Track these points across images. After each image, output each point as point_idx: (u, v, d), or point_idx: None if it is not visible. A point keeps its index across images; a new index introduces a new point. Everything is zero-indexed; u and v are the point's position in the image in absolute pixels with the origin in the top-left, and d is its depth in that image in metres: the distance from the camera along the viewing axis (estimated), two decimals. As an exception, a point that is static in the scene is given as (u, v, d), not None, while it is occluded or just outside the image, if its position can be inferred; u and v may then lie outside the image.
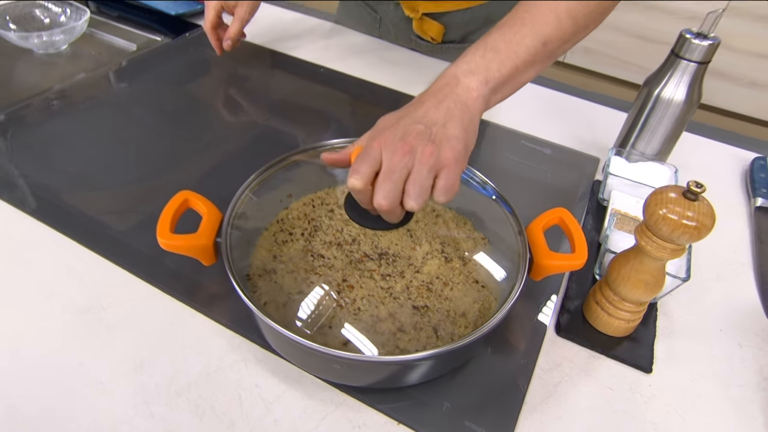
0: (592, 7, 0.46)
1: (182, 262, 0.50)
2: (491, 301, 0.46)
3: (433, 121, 0.39)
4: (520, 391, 0.42)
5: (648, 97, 0.60)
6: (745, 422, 0.42)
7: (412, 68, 0.86)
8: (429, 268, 0.48)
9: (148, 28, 0.90)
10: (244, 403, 0.40)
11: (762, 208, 0.65)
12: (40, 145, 0.62)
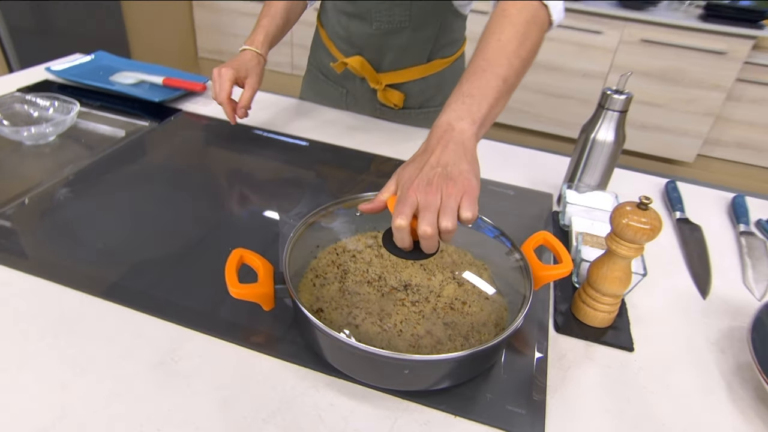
0: (529, 46, 0.62)
1: (236, 312, 0.57)
2: (502, 311, 0.56)
3: (446, 163, 0.51)
4: (542, 377, 0.53)
5: (586, 140, 0.77)
6: (705, 378, 0.55)
7: (378, 132, 0.99)
8: (447, 292, 0.58)
9: (133, 115, 0.97)
10: (325, 420, 0.47)
11: (681, 219, 0.82)
12: (67, 227, 0.67)
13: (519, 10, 0.63)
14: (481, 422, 0.48)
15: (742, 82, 2.44)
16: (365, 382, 0.50)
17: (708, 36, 2.35)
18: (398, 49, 0.94)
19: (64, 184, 0.76)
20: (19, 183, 0.76)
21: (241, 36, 3.06)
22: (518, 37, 0.61)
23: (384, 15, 0.90)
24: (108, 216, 0.70)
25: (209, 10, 3.04)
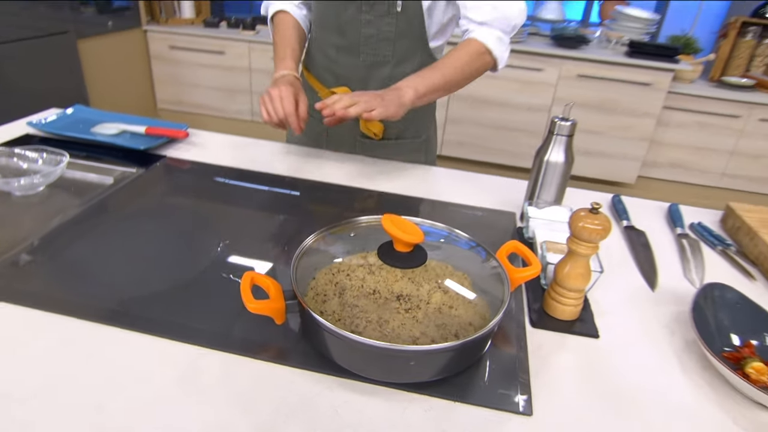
0: (470, 69, 0.98)
1: (248, 330, 0.62)
2: (485, 311, 0.64)
3: (384, 96, 0.88)
4: (525, 364, 0.61)
5: (540, 162, 0.88)
6: (660, 354, 0.65)
7: (357, 165, 1.08)
8: (435, 299, 0.65)
9: (119, 163, 1.02)
10: (341, 415, 0.53)
11: (627, 226, 0.94)
12: (76, 266, 0.71)
13: (476, 46, 0.97)
14: (477, 405, 0.55)
15: (668, 109, 2.71)
16: (374, 379, 0.57)
17: (634, 70, 2.61)
18: (381, 80, 1.05)
19: (66, 227, 0.80)
20: (15, 231, 0.80)
21: (200, 86, 3.14)
22: (466, 60, 0.97)
23: (371, 49, 1.02)
24: (113, 255, 0.75)
25: (168, 63, 3.11)
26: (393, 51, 1.02)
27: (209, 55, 3.03)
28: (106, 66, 2.78)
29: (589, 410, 0.56)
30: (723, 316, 0.67)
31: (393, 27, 1.00)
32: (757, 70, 2.81)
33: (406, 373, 0.56)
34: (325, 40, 1.06)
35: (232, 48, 2.98)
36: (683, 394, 0.59)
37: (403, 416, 0.53)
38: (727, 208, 0.99)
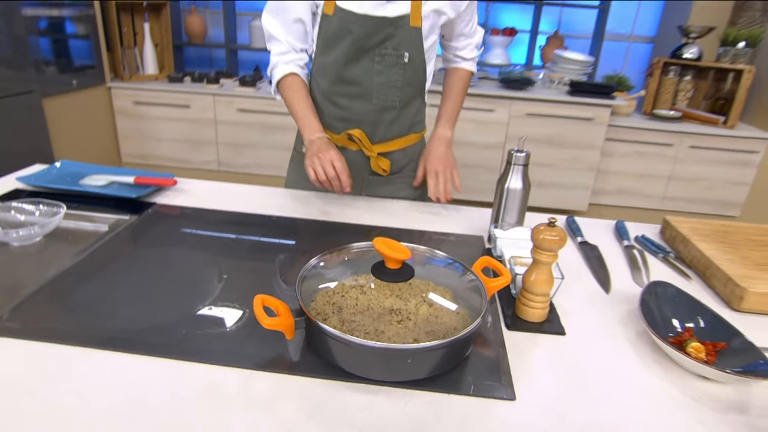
0: (466, 88, 1.29)
1: (260, 347, 0.70)
2: (467, 318, 0.74)
3: (448, 156, 1.18)
4: (506, 360, 0.70)
5: (502, 190, 1.01)
6: (616, 344, 0.76)
7: (345, 203, 1.18)
8: (422, 312, 0.75)
9: (111, 212, 1.08)
10: (353, 412, 0.60)
11: (582, 242, 1.07)
12: (87, 305, 0.77)
13: (463, 73, 1.29)
14: (468, 395, 0.64)
15: (610, 141, 2.97)
16: (377, 380, 0.65)
17: (576, 107, 2.86)
18: (388, 123, 1.20)
19: (74, 270, 0.85)
20: (17, 279, 0.84)
21: (165, 139, 3.19)
22: (463, 85, 1.29)
23: (382, 95, 1.16)
24: (123, 292, 0.80)
25: (132, 118, 3.16)
26: (400, 96, 1.17)
27: (174, 108, 3.11)
28: (71, 123, 2.82)
29: (562, 393, 0.65)
30: (665, 309, 0.80)
31: (401, 76, 1.14)
32: (682, 103, 3.12)
33: (404, 371, 0.64)
34: (336, 91, 1.17)
35: (197, 101, 3.07)
36: (638, 374, 0.70)
37: (406, 409, 0.61)
38: (665, 221, 1.14)
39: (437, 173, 1.17)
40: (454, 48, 1.27)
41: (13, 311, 0.74)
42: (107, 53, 3.08)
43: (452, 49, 1.27)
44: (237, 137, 3.14)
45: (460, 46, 1.26)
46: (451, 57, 1.29)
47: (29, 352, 0.67)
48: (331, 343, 0.65)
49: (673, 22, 3.47)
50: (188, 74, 3.26)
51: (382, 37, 1.09)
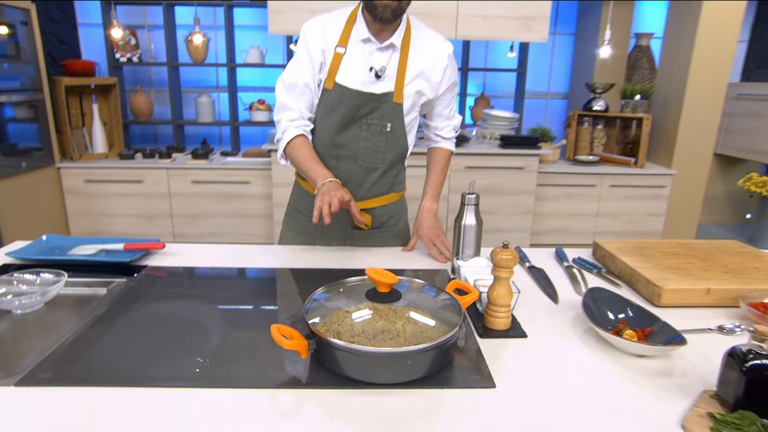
0: (447, 164, 1.49)
1: (276, 370, 0.81)
2: (446, 331, 0.90)
3: (438, 225, 1.24)
4: (483, 360, 0.85)
5: (459, 226, 1.19)
6: (568, 340, 0.93)
7: (337, 253, 1.32)
8: (408, 329, 0.89)
9: (105, 276, 1.16)
10: (367, 411, 0.73)
11: (530, 267, 1.27)
12: (113, 351, 0.85)
13: (444, 152, 1.48)
14: (458, 387, 0.78)
15: (541, 186, 3.30)
16: (381, 383, 0.78)
17: (509, 158, 3.19)
18: (372, 182, 1.37)
19: (91, 325, 0.93)
20: (27, 342, 0.91)
21: (117, 216, 3.21)
22: (445, 162, 1.47)
23: (367, 158, 1.34)
24: (141, 340, 0.90)
25: (82, 196, 3.18)
26: (383, 159, 1.35)
27: (127, 184, 3.16)
28: (20, 204, 2.80)
29: (530, 380, 0.81)
30: (603, 308, 0.99)
31: (383, 143, 1.33)
32: (598, 149, 3.55)
33: (404, 373, 0.78)
34: (327, 153, 1.34)
35: (150, 176, 3.15)
36: (588, 360, 0.87)
37: (410, 404, 0.74)
38: (595, 244, 1.36)
39: (434, 242, 1.35)
40: (434, 128, 1.46)
41: (43, 362, 0.82)
42: (56, 134, 3.13)
43: (433, 129, 1.46)
44: (191, 208, 3.21)
45: (439, 126, 1.45)
46: (432, 136, 1.48)
47: (70, 395, 0.75)
48: (339, 355, 0.78)
49: (581, 80, 3.99)
50: (139, 151, 3.35)
51: (369, 109, 1.29)
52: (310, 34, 1.29)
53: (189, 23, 4.04)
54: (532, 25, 2.93)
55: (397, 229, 1.47)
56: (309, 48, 1.28)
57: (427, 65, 1.32)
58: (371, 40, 1.27)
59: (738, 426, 0.68)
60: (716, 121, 3.29)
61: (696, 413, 0.72)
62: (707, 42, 3.11)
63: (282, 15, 2.85)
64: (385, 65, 1.28)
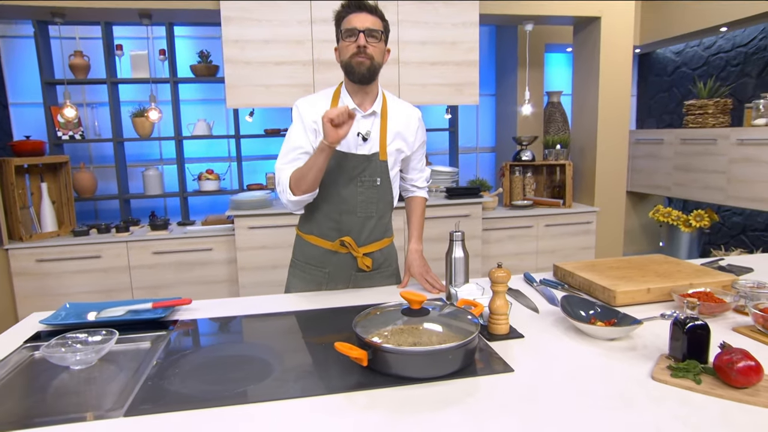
0: (424, 210, 1.80)
1: (343, 378, 1.01)
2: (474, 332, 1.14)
3: (425, 263, 1.40)
4: (498, 355, 1.11)
5: (450, 259, 1.46)
6: (555, 335, 1.21)
7: (345, 295, 1.53)
8: (434, 339, 1.13)
9: (142, 332, 1.30)
10: (420, 398, 0.95)
11: (509, 289, 1.55)
12: (183, 386, 1.01)
13: (420, 200, 1.77)
14: (485, 375, 1.02)
15: (486, 230, 3.69)
16: (425, 377, 1.00)
17: (455, 207, 3.56)
18: (370, 229, 1.62)
19: (159, 369, 1.08)
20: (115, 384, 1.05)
21: (73, 294, 3.18)
22: (422, 210, 1.80)
23: (364, 209, 1.58)
24: (210, 372, 1.06)
25: (33, 277, 3.13)
26: (376, 209, 1.61)
27: (83, 261, 3.16)
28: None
29: (535, 364, 1.07)
30: (576, 309, 1.28)
31: (375, 195, 1.59)
32: (530, 194, 4.03)
33: (444, 367, 1.01)
34: (330, 208, 1.58)
35: (109, 250, 3.18)
36: (573, 347, 1.14)
37: (452, 392, 0.97)
38: (555, 267, 1.68)
39: (425, 277, 1.61)
40: (410, 180, 1.78)
41: (137, 398, 0.96)
42: (3, 215, 3.11)
43: (409, 181, 1.78)
44: (152, 279, 3.25)
45: (414, 178, 1.77)
46: (408, 187, 1.80)
47: (173, 419, 0.90)
48: (391, 358, 1.00)
49: (505, 135, 4.54)
50: (93, 226, 3.37)
51: (361, 168, 1.56)
52: (303, 108, 1.56)
53: (129, 99, 4.21)
54: (464, 90, 3.40)
55: (391, 269, 1.71)
56: (303, 119, 1.55)
57: (402, 127, 1.63)
58: (357, 109, 1.56)
59: (686, 369, 0.97)
60: (625, 163, 3.88)
61: (659, 367, 1.01)
62: (608, 97, 3.74)
63: (238, 90, 3.12)
64: (370, 129, 1.57)
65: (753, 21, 3.72)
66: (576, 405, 0.91)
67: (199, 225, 3.43)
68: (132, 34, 4.30)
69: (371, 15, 1.48)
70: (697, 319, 1.01)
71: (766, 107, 3.46)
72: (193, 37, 4.40)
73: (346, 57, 1.50)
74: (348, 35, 1.48)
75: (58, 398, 1.02)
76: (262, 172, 4.45)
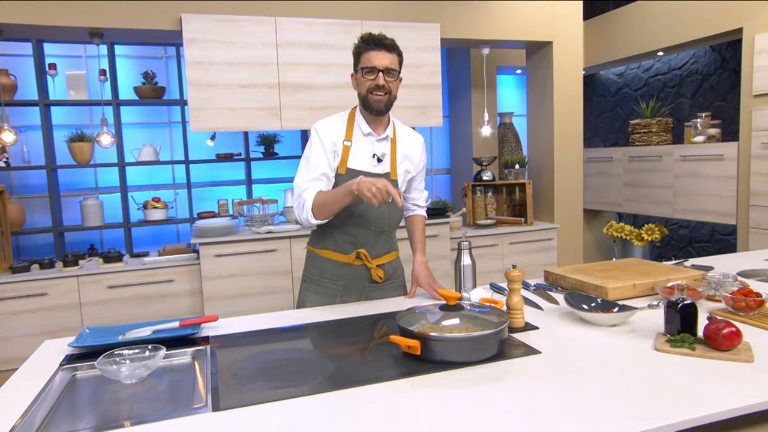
0: (425, 226, 1.90)
1: (401, 367, 1.24)
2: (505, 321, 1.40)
3: (430, 272, 1.70)
4: (523, 342, 1.37)
5: (459, 267, 1.73)
6: (563, 323, 1.50)
7: (360, 306, 1.74)
8: (469, 329, 1.38)
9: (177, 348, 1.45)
10: (467, 379, 1.19)
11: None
12: (254, 384, 1.19)
13: (421, 217, 1.98)
14: (519, 357, 1.28)
15: (454, 250, 4.00)
16: (468, 361, 1.24)
17: (422, 228, 3.86)
18: (382, 242, 1.85)
19: (220, 374, 1.25)
20: (182, 388, 1.21)
21: (13, 338, 3.12)
22: (423, 226, 2.05)
23: (377, 223, 1.81)
24: (271, 372, 1.24)
25: (-33, 320, 3.06)
26: (388, 224, 1.84)
27: (25, 300, 3.13)
28: None
29: (557, 347, 1.35)
30: (578, 303, 1.58)
31: (387, 210, 1.82)
32: (492, 213, 4.41)
33: (483, 350, 1.26)
34: (346, 223, 1.80)
35: (56, 287, 3.17)
36: (582, 333, 1.43)
37: (497, 371, 1.22)
38: (545, 272, 2.00)
39: (432, 287, 1.85)
40: (411, 199, 2.03)
41: (215, 396, 1.14)
42: (-67, 254, 3.03)
43: (411, 200, 2.04)
44: (107, 316, 3.26)
45: (416, 197, 2.04)
46: (410, 206, 2.05)
47: (256, 411, 1.09)
48: (442, 345, 1.24)
49: (460, 156, 4.94)
50: (34, 261, 3.35)
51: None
52: (323, 131, 1.80)
53: (61, 123, 4.21)
54: (428, 112, 3.74)
55: (399, 281, 1.96)
56: (323, 140, 1.79)
57: (409, 150, 1.90)
58: (372, 134, 1.82)
59: (682, 340, 1.28)
60: (581, 181, 4.37)
61: (658, 342, 1.31)
62: (562, 118, 4.22)
63: (202, 113, 3.27)
64: (385, 152, 1.83)
65: (685, 47, 4.37)
66: (601, 371, 1.19)
67: (155, 256, 3.49)
68: (65, 52, 4.33)
69: (389, 53, 1.74)
70: (686, 300, 1.33)
71: (704, 125, 4.06)
72: (134, 57, 4.50)
73: (363, 91, 1.77)
74: (367, 72, 1.74)
75: (133, 405, 1.17)
76: (213, 199, 4.56)
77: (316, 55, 3.44)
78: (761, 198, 3.63)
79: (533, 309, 1.67)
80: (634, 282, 1.74)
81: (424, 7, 3.75)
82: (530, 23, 4.04)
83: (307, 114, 3.47)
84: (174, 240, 4.66)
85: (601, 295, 1.71)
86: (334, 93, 3.51)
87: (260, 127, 3.40)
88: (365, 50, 1.74)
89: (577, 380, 1.15)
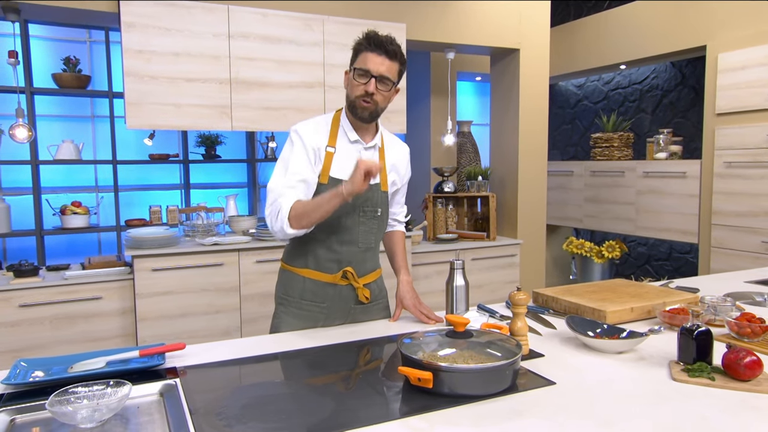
0: (405, 243, 1.85)
1: (410, 403, 1.19)
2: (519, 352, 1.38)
3: (415, 292, 1.70)
4: (535, 372, 1.36)
5: (451, 288, 1.71)
6: (569, 349, 1.50)
7: (353, 329, 1.67)
8: (474, 360, 1.36)
9: (141, 382, 1.34)
10: (484, 414, 1.16)
11: (501, 316, 1.83)
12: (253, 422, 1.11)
13: (402, 233, 1.99)
14: (534, 389, 1.27)
15: (415, 266, 3.99)
16: (481, 394, 1.22)
17: (381, 242, 3.82)
18: (368, 260, 1.81)
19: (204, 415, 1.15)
20: None
21: None
22: (403, 241, 2.05)
23: (364, 239, 1.76)
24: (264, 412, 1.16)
25: None
26: (375, 239, 1.79)
27: None
28: None
29: (570, 377, 1.35)
30: (581, 328, 1.59)
31: (376, 225, 1.78)
32: (453, 227, 4.45)
33: (500, 382, 1.24)
34: (330, 239, 1.73)
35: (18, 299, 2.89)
36: (590, 360, 1.44)
37: (516, 404, 1.20)
38: (534, 293, 2.01)
39: (419, 310, 1.83)
40: (392, 213, 1.99)
41: None
42: None
43: (391, 215, 1.97)
44: (17, 340, 3.00)
45: (396, 212, 2.01)
46: (390, 221, 1.99)
47: (264, 453, 1.01)
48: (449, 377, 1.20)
49: (417, 166, 4.96)
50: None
51: (364, 198, 1.74)
52: (305, 134, 1.73)
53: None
54: (392, 117, 3.72)
55: (384, 302, 1.91)
56: (305, 144, 1.71)
57: (396, 160, 1.87)
58: (360, 141, 1.77)
59: (700, 369, 1.31)
60: (544, 194, 4.48)
61: (674, 371, 1.34)
62: (528, 128, 4.33)
63: (142, 108, 3.10)
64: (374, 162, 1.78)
65: (648, 61, 4.61)
66: (622, 403, 1.19)
67: (77, 269, 3.25)
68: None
69: (389, 60, 1.67)
70: (701, 326, 1.36)
71: (666, 142, 4.29)
72: (52, 39, 4.22)
73: (352, 95, 1.71)
74: (360, 74, 1.68)
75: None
76: (142, 205, 4.33)
77: (273, 50, 3.35)
78: (723, 217, 3.86)
79: (532, 334, 1.67)
80: (631, 305, 1.78)
81: (390, 6, 3.75)
82: (498, 29, 4.13)
83: (260, 114, 3.36)
84: (95, 251, 4.39)
85: (599, 319, 1.74)
86: (291, 93, 3.43)
87: (208, 126, 3.26)
88: (364, 50, 1.69)
89: (605, 415, 1.14)
